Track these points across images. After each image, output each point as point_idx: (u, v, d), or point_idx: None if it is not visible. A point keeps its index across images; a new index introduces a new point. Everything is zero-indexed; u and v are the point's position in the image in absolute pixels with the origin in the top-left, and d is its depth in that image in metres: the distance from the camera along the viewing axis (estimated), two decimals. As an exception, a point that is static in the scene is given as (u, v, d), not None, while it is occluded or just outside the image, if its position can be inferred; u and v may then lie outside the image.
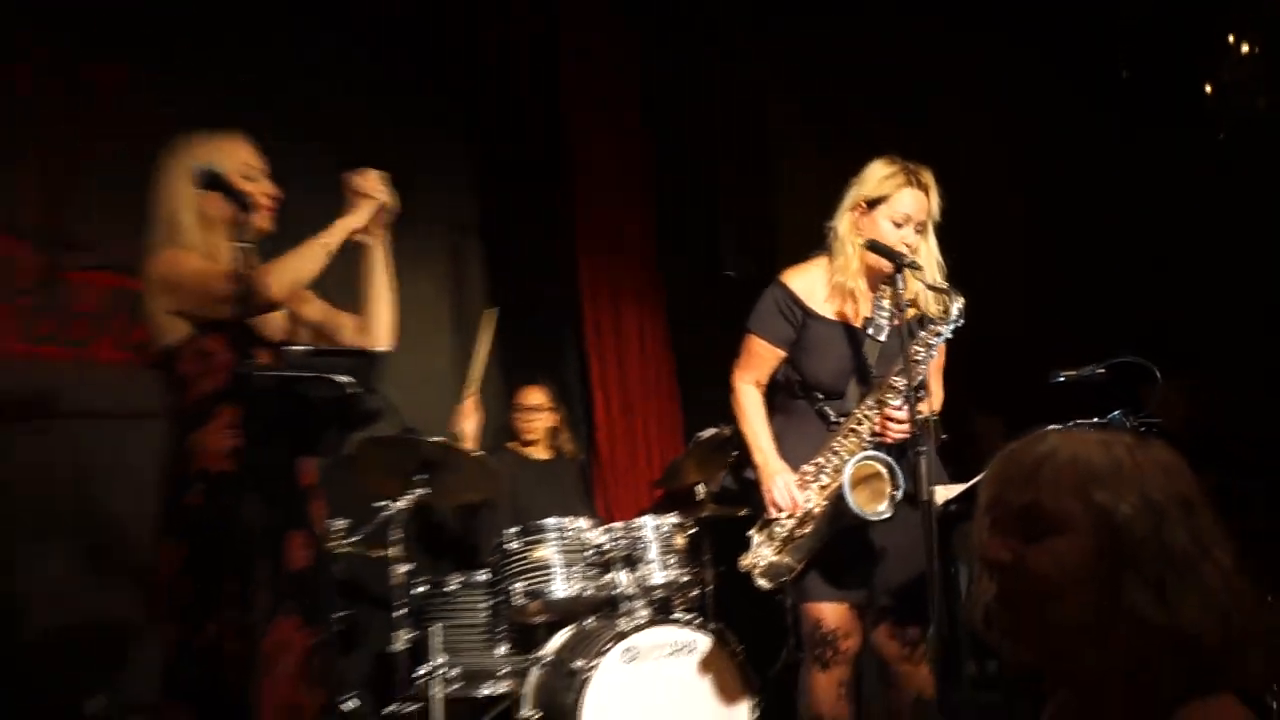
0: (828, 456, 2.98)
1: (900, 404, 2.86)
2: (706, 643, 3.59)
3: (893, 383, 2.90)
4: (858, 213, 2.99)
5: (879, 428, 2.92)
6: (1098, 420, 2.72)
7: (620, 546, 3.78)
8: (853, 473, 2.88)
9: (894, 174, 2.95)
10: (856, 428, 2.95)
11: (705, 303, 5.61)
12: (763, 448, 3.06)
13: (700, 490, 4.36)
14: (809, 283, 3.06)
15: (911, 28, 5.22)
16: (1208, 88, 5.02)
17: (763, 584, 3.07)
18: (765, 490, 3.02)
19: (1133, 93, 5.08)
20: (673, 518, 3.89)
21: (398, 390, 2.96)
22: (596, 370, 5.36)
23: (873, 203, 2.96)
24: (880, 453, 2.92)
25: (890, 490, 2.89)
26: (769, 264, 5.57)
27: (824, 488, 2.98)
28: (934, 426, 2.84)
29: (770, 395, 3.15)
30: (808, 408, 3.07)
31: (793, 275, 3.10)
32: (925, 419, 2.75)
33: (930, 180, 2.97)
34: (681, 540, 3.87)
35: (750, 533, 3.10)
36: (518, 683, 3.84)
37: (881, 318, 2.99)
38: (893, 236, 2.92)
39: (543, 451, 4.77)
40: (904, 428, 2.85)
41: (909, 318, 2.88)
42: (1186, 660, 1.24)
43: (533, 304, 5.42)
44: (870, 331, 3.00)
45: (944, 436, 2.88)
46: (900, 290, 2.81)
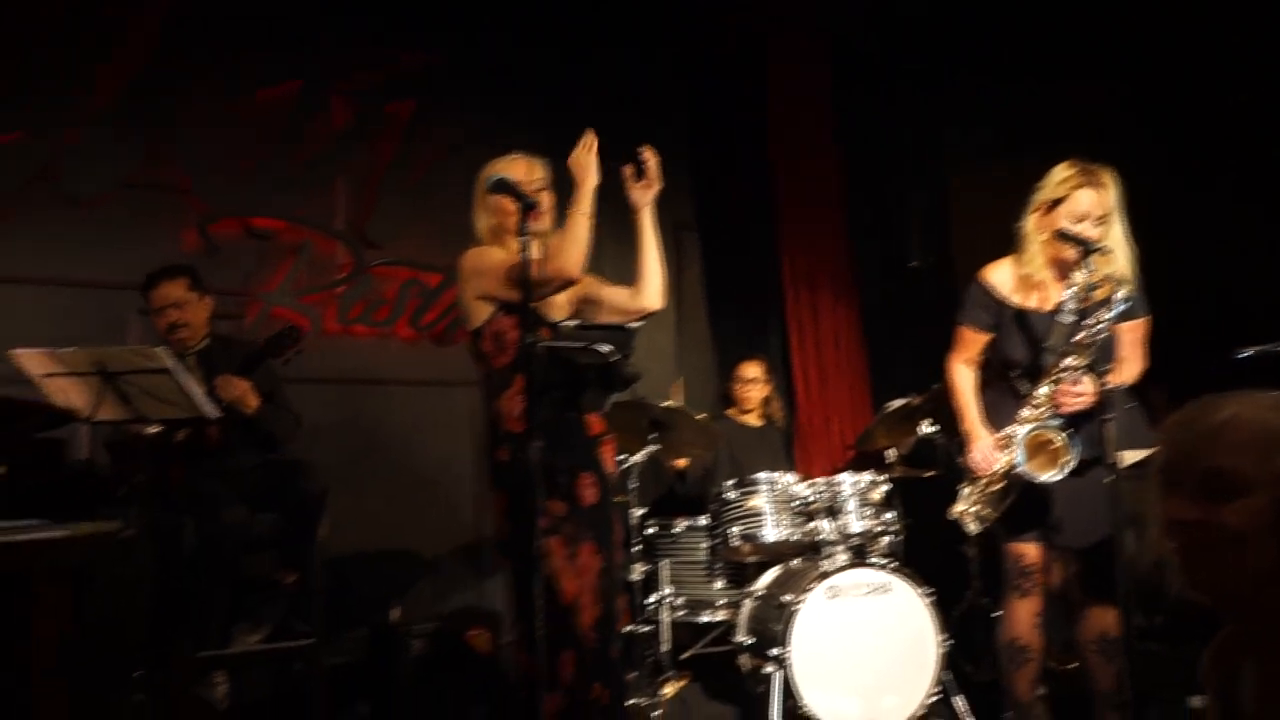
0: (1016, 424, 2.99)
1: (1074, 379, 2.87)
2: (900, 584, 3.55)
3: (1069, 360, 2.88)
4: (1040, 212, 2.98)
5: (1057, 400, 2.90)
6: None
7: (823, 498, 3.78)
8: (1029, 440, 2.91)
9: (1071, 176, 2.92)
10: (1038, 400, 2.95)
11: (892, 291, 5.56)
12: (969, 417, 3.14)
13: (891, 454, 4.31)
14: (1003, 276, 3.08)
15: (1078, 53, 5.00)
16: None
17: (971, 527, 3.14)
18: (969, 452, 3.11)
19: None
20: (869, 475, 3.86)
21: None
22: (797, 349, 5.37)
23: (1053, 204, 2.94)
24: (1057, 421, 2.91)
25: (1063, 456, 2.88)
26: (946, 256, 5.52)
27: (1012, 449, 2.99)
28: (1120, 396, 2.79)
29: (982, 375, 3.20)
30: (1009, 384, 3.10)
31: (990, 271, 3.11)
32: (1110, 389, 2.72)
33: (1108, 178, 2.91)
34: (876, 495, 3.84)
35: (960, 487, 3.16)
36: (733, 612, 3.89)
37: (1068, 302, 2.94)
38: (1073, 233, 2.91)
39: (756, 418, 4.80)
40: (1079, 400, 2.85)
41: (1092, 301, 2.86)
42: None
43: (742, 292, 5.48)
44: (1058, 316, 2.96)
45: (1130, 405, 2.81)
46: (1086, 275, 2.83)
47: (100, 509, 3.51)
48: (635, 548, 3.93)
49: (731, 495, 3.88)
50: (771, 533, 3.78)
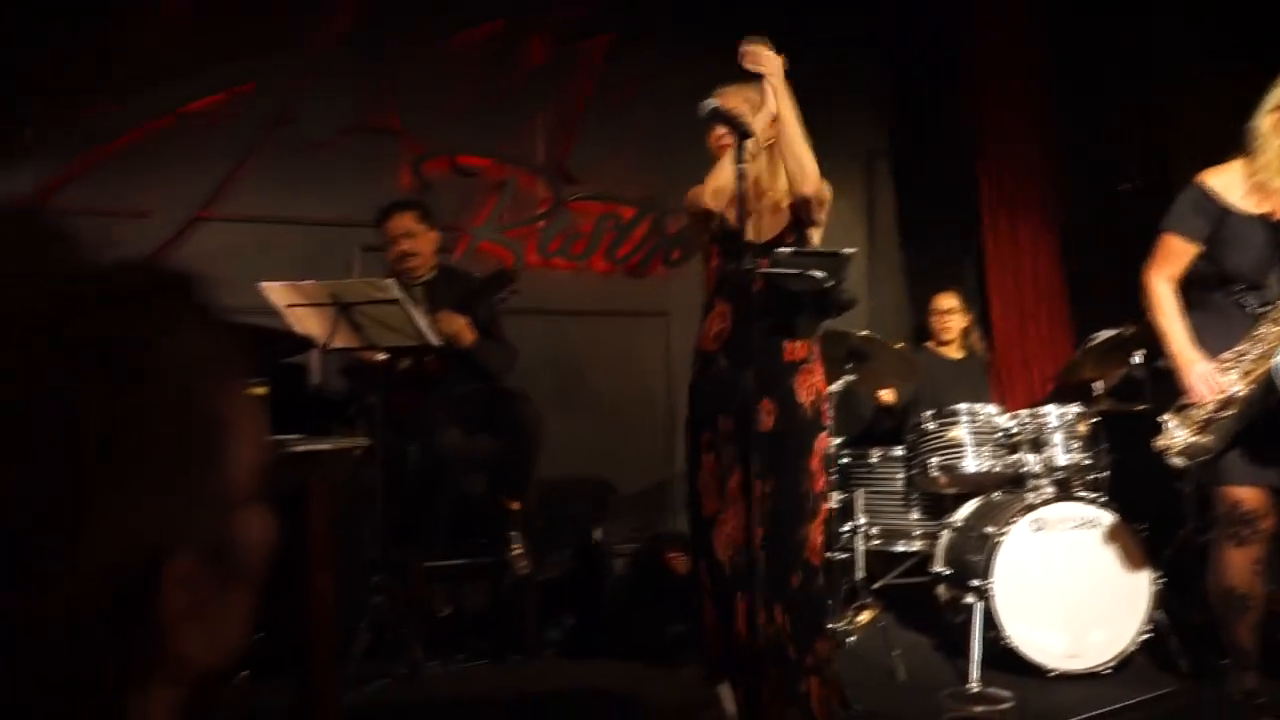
0: (1250, 344, 2.74)
1: None
2: (1110, 519, 3.43)
3: None
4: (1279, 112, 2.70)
5: None
6: None
7: (1028, 430, 3.67)
8: None
9: None
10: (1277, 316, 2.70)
11: (1100, 216, 5.26)
12: (1179, 338, 2.85)
13: (1098, 386, 4.13)
14: (1228, 180, 2.81)
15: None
16: None
17: (1178, 462, 2.88)
18: (1184, 377, 2.82)
19: None
20: (1075, 407, 3.72)
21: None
22: (995, 280, 5.19)
23: None
24: None
25: None
26: (1162, 178, 5.16)
27: (1247, 373, 2.75)
28: None
29: (1185, 290, 2.92)
30: (1226, 300, 2.83)
31: (1212, 174, 2.84)
32: None
33: None
34: (1083, 428, 3.70)
35: (1165, 417, 2.90)
36: (929, 543, 3.86)
37: None
38: None
39: (956, 350, 4.69)
40: None
41: None
42: None
43: (938, 220, 5.32)
44: None
45: None
46: None
47: (334, 428, 3.84)
48: (829, 476, 3.95)
49: (931, 426, 3.83)
50: (972, 464, 3.72)
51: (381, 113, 4.46)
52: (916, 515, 4.01)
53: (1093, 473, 3.71)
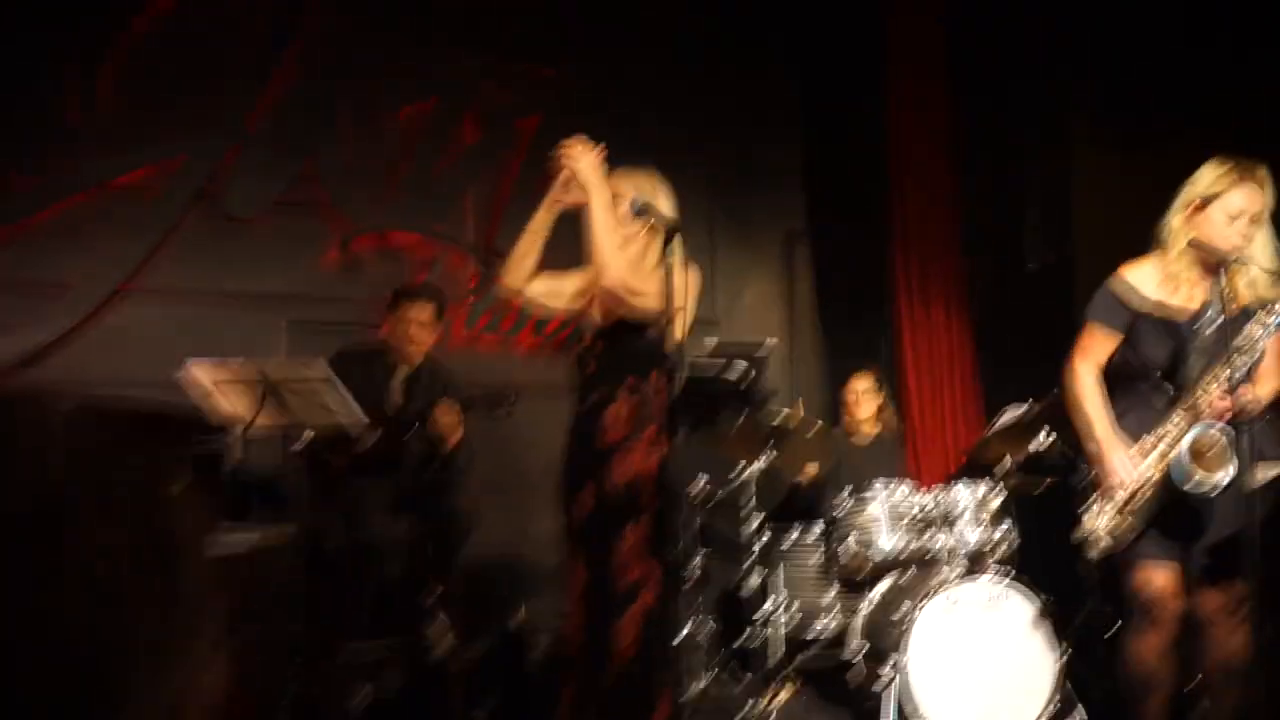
0: (1163, 431, 2.87)
1: (1228, 387, 2.72)
2: (1018, 595, 3.56)
3: (1223, 367, 2.76)
4: (1191, 210, 2.85)
5: (1212, 406, 2.78)
6: None
7: (940, 508, 3.80)
8: (1190, 444, 2.77)
9: (1228, 172, 2.80)
10: (1189, 407, 2.83)
11: (1006, 293, 5.51)
12: (1103, 424, 2.95)
13: (1006, 462, 4.29)
14: (1143, 275, 2.96)
15: (1197, 32, 4.81)
16: None
17: (1104, 546, 2.94)
18: (1106, 464, 2.91)
19: None
20: (985, 484, 3.86)
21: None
22: (909, 357, 5.37)
23: (1206, 200, 2.82)
24: (1217, 426, 2.78)
25: (1227, 462, 2.73)
26: (1067, 257, 5.44)
27: (1163, 456, 2.86)
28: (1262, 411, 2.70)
29: (1108, 377, 3.04)
30: (1145, 388, 2.97)
31: (1129, 269, 2.99)
32: (1250, 405, 2.64)
33: (1265, 175, 2.80)
34: (992, 504, 3.83)
35: (1085, 508, 2.99)
36: (845, 620, 3.94)
37: (1214, 304, 2.83)
38: (1227, 230, 2.78)
39: (869, 428, 4.84)
40: (1229, 409, 2.72)
41: (1239, 306, 2.78)
42: None
43: (854, 301, 5.52)
44: (1204, 317, 2.86)
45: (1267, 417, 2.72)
46: (1232, 283, 2.74)
47: (254, 511, 3.79)
48: (751, 554, 4.03)
49: (847, 505, 3.94)
50: (886, 542, 3.83)
51: (310, 189, 4.49)
52: (835, 591, 4.11)
53: (1002, 548, 3.84)
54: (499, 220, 4.84)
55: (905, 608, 3.52)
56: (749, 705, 3.79)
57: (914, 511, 3.86)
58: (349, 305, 4.24)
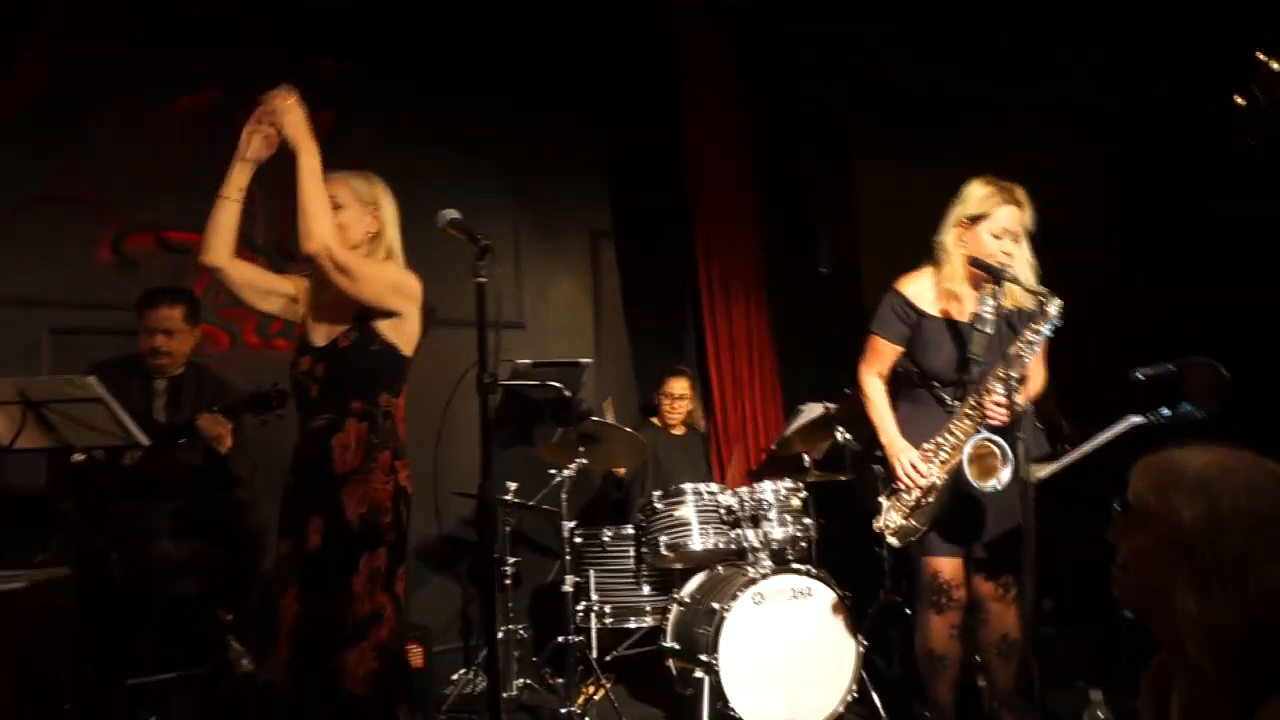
0: (945, 436, 3.06)
1: (1004, 393, 2.89)
2: (820, 588, 3.70)
3: (998, 373, 2.93)
4: (961, 228, 3.04)
5: (986, 412, 2.96)
6: (1168, 411, 2.78)
7: (747, 507, 3.90)
8: (970, 451, 2.95)
9: (992, 193, 2.99)
10: (970, 412, 3.01)
11: (802, 295, 5.72)
12: (889, 430, 3.15)
13: (807, 459, 4.47)
14: (920, 288, 3.13)
15: (971, 45, 5.11)
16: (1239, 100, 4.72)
17: (893, 542, 3.16)
18: (894, 466, 3.11)
19: (1170, 107, 4.76)
20: (788, 482, 3.99)
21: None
22: (713, 355, 5.48)
23: (974, 219, 3.01)
24: (992, 433, 2.95)
25: (1002, 467, 2.93)
26: (855, 260, 5.71)
27: (944, 462, 3.05)
28: (1031, 415, 2.90)
29: (895, 385, 3.23)
30: (927, 395, 3.15)
31: (906, 282, 3.16)
32: (1022, 409, 2.81)
33: (1024, 196, 3.01)
34: (795, 501, 3.97)
35: (880, 499, 3.17)
36: (659, 617, 4.01)
37: (986, 315, 3.04)
38: (993, 246, 2.98)
39: (680, 427, 4.93)
40: (1004, 412, 2.89)
41: (1018, 312, 2.99)
42: (1228, 655, 1.25)
43: (659, 299, 5.59)
44: (977, 326, 3.05)
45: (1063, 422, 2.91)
46: (1000, 296, 2.94)
47: (19, 536, 3.44)
48: (565, 557, 4.02)
49: (659, 505, 3.99)
50: (698, 541, 3.91)
51: (76, 183, 4.10)
52: (647, 591, 4.16)
53: (804, 543, 3.99)
54: (289, 220, 4.58)
55: (714, 607, 3.59)
56: (564, 706, 3.77)
57: (723, 511, 3.95)
58: (122, 312, 3.88)
